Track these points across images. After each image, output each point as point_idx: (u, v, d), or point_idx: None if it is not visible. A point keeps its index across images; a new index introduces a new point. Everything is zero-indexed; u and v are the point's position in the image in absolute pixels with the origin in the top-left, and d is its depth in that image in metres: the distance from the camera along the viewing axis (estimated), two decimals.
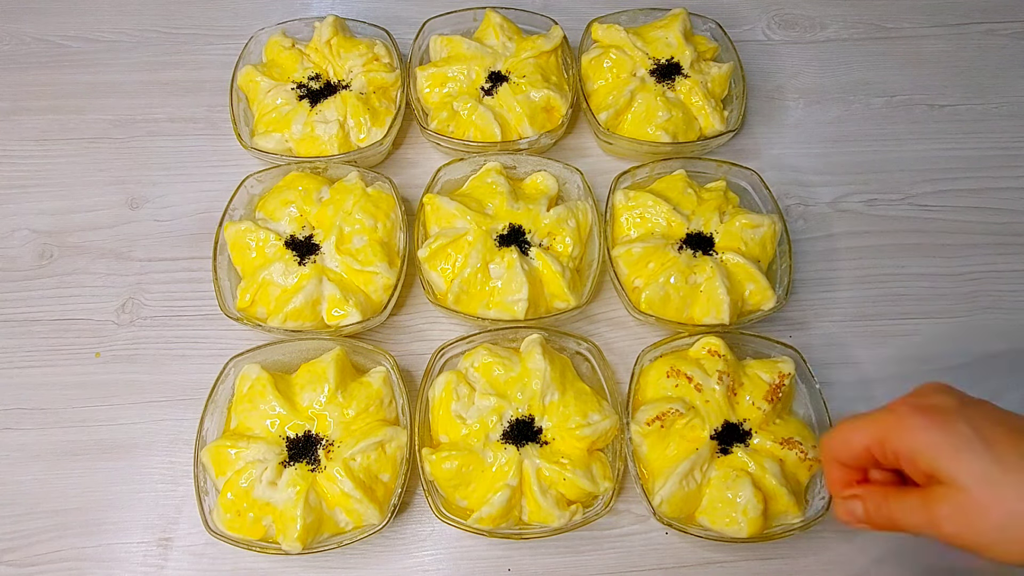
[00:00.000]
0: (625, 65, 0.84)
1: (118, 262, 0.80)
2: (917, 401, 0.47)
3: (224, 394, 0.69)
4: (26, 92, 0.89)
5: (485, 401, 0.68)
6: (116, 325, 0.77)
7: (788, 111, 0.91)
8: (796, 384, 0.71)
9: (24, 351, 0.76)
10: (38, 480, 0.70)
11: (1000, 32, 0.97)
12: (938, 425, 0.45)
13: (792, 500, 0.65)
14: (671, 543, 0.69)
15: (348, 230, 0.74)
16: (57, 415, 0.73)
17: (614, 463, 0.68)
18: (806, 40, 0.96)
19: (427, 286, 0.73)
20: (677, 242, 0.75)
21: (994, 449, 0.43)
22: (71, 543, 0.68)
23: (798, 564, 0.69)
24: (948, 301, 0.80)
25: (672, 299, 0.73)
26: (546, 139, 0.81)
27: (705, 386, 0.68)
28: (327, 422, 0.66)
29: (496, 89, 0.82)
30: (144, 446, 0.72)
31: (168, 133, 0.87)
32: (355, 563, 0.68)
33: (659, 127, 0.81)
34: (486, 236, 0.73)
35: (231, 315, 0.71)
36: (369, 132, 0.81)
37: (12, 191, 0.83)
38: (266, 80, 0.83)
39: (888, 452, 0.48)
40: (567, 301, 0.73)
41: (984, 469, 0.42)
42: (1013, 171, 0.87)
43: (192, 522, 0.68)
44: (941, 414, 0.45)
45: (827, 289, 0.81)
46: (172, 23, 0.94)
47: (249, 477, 0.64)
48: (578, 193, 0.79)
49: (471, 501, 0.66)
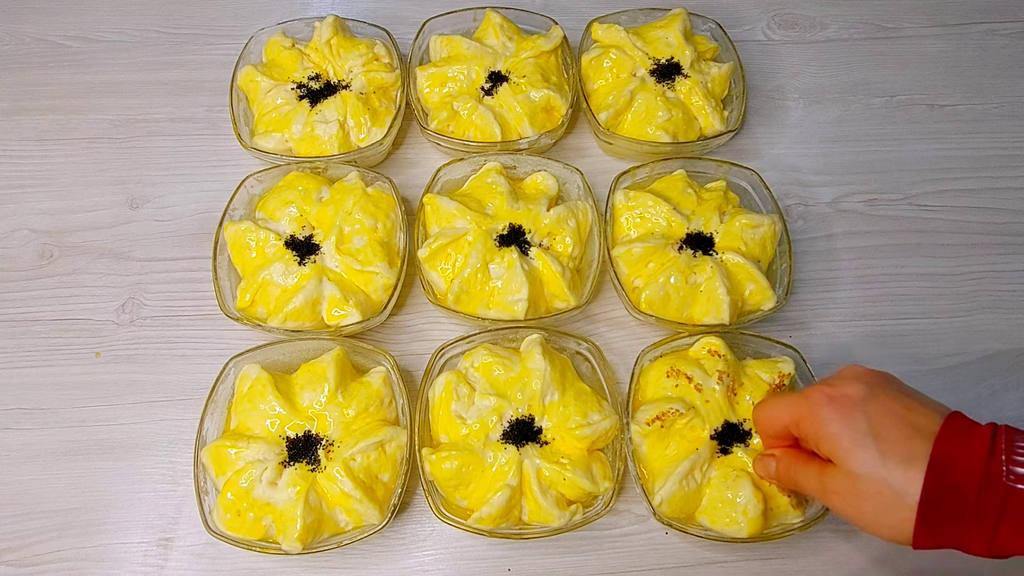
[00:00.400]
0: (625, 65, 0.84)
1: (118, 262, 0.80)
2: (831, 391, 0.54)
3: (224, 394, 0.69)
4: (26, 92, 0.89)
5: (485, 401, 0.68)
6: (116, 325, 0.77)
7: (788, 111, 0.91)
8: (796, 384, 0.71)
9: (24, 351, 0.76)
10: (38, 480, 0.70)
11: (1000, 32, 0.97)
12: (840, 417, 0.52)
13: (792, 500, 0.65)
14: (671, 543, 0.69)
15: (348, 230, 0.74)
16: (57, 415, 0.73)
17: (614, 463, 0.68)
18: (806, 40, 0.96)
19: (427, 286, 0.73)
20: (677, 242, 0.75)
21: (882, 444, 0.50)
22: (71, 543, 0.68)
23: (798, 564, 0.69)
24: (948, 301, 0.80)
25: (672, 299, 0.73)
26: (546, 139, 0.81)
27: (705, 386, 0.68)
28: (327, 422, 0.66)
29: (496, 89, 0.82)
30: (144, 446, 0.72)
31: (168, 133, 0.87)
32: (355, 563, 0.68)
33: (659, 127, 0.81)
34: (486, 236, 0.73)
35: (231, 315, 0.71)
36: (369, 132, 0.81)
37: (12, 191, 0.83)
38: (266, 80, 0.83)
39: (800, 433, 0.56)
40: (567, 301, 0.73)
41: (870, 462, 0.50)
42: (1013, 171, 0.87)
43: (192, 522, 0.68)
44: (846, 407, 0.52)
45: (827, 289, 0.81)
46: (172, 23, 0.94)
47: (249, 477, 0.64)
48: (578, 193, 0.79)
49: (471, 501, 0.66)
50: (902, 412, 0.51)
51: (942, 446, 0.48)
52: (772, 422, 0.59)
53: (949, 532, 0.48)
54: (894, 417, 0.51)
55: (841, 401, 0.53)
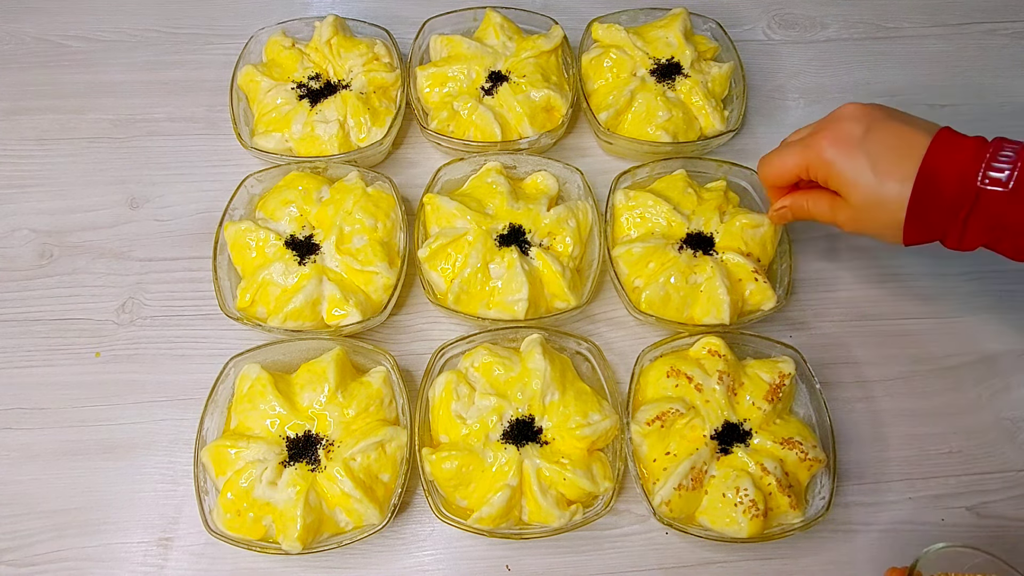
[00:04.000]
0: (625, 65, 0.84)
1: (118, 262, 0.80)
2: (832, 133, 0.61)
3: (224, 394, 0.69)
4: (26, 92, 0.89)
5: (485, 401, 0.68)
6: (116, 325, 0.77)
7: (788, 111, 0.91)
8: (796, 384, 0.71)
9: (24, 351, 0.76)
10: (38, 480, 0.70)
11: (1000, 32, 0.97)
12: (844, 155, 0.60)
13: (792, 500, 0.65)
14: (671, 543, 0.69)
15: (348, 230, 0.74)
16: (57, 415, 0.73)
17: (614, 463, 0.68)
18: (806, 40, 0.96)
19: (427, 286, 0.73)
20: (677, 242, 0.75)
21: (880, 175, 0.58)
22: (71, 543, 0.68)
23: (798, 564, 0.69)
24: (948, 301, 0.80)
25: (672, 299, 0.73)
26: (546, 139, 0.81)
27: (705, 386, 0.68)
28: (327, 422, 0.66)
29: (496, 89, 0.82)
30: (144, 446, 0.72)
31: (168, 133, 0.87)
32: (355, 563, 0.68)
33: (659, 127, 0.81)
34: (486, 236, 0.73)
35: (231, 315, 0.71)
36: (369, 132, 0.81)
37: (12, 191, 0.83)
38: (266, 80, 0.83)
39: (811, 174, 0.64)
40: (567, 301, 0.73)
41: (871, 189, 0.59)
42: None
43: (192, 522, 0.68)
44: (848, 147, 0.60)
45: (827, 289, 0.81)
46: (172, 23, 0.94)
47: (249, 477, 0.64)
48: (578, 193, 0.79)
49: (471, 501, 0.66)
50: (895, 142, 0.58)
51: (929, 160, 0.56)
52: (781, 171, 0.66)
53: (931, 228, 0.58)
54: (888, 148, 0.58)
55: (842, 143, 0.60)
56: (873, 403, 0.75)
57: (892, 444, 0.74)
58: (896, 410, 0.75)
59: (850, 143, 0.60)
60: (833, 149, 0.61)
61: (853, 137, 0.60)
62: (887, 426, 0.74)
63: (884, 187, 0.58)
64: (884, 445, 0.74)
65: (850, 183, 0.60)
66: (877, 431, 0.74)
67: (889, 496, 0.71)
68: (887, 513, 0.71)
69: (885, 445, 0.74)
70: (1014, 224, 0.55)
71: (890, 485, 0.72)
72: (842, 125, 0.61)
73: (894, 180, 0.57)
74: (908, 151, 0.57)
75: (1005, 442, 0.74)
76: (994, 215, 0.55)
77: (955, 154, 0.56)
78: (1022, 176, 0.53)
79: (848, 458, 0.73)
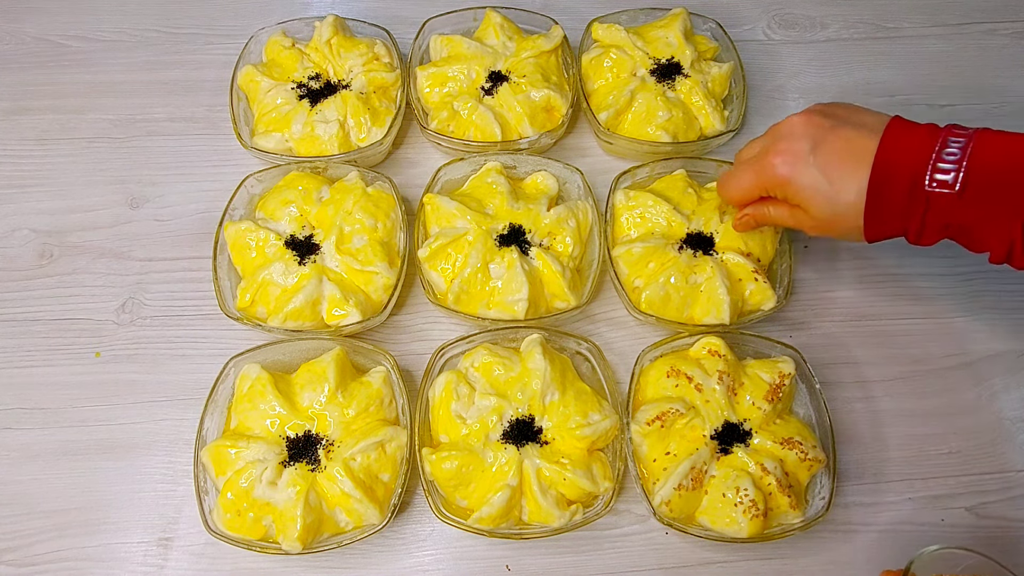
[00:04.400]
0: (625, 65, 0.84)
1: (118, 262, 0.80)
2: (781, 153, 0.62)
3: (224, 394, 0.69)
4: (26, 92, 0.89)
5: (485, 401, 0.68)
6: (116, 325, 0.77)
7: (788, 111, 0.89)
8: (796, 384, 0.71)
9: (24, 351, 0.76)
10: (38, 480, 0.70)
11: (1000, 32, 0.97)
12: (797, 173, 0.61)
13: (792, 500, 0.65)
14: (671, 543, 0.69)
15: (348, 230, 0.74)
16: (57, 415, 0.73)
17: (614, 463, 0.68)
18: (806, 40, 0.96)
19: (427, 286, 0.73)
20: (677, 242, 0.75)
21: (835, 186, 0.59)
22: (71, 543, 0.68)
23: (798, 564, 0.69)
24: (948, 301, 0.80)
25: (672, 299, 0.73)
26: (546, 139, 0.81)
27: (705, 386, 0.68)
28: (327, 422, 0.66)
29: (496, 89, 0.82)
30: (144, 446, 0.72)
31: (168, 133, 0.87)
32: (355, 563, 0.68)
33: (659, 127, 0.81)
34: (486, 236, 0.73)
35: (231, 315, 0.71)
36: (369, 132, 0.81)
37: (12, 191, 0.83)
38: (266, 80, 0.83)
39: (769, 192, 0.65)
40: (567, 301, 0.73)
41: (829, 203, 0.60)
42: None
43: (192, 522, 0.68)
44: (798, 162, 0.61)
45: (827, 289, 0.81)
46: (172, 23, 0.94)
47: (249, 477, 0.64)
48: (578, 193, 0.79)
49: (471, 501, 0.66)
50: (844, 150, 0.59)
51: (878, 167, 0.57)
52: (740, 194, 0.68)
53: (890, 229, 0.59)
54: (838, 158, 0.59)
55: (792, 161, 0.61)
56: (873, 403, 0.75)
57: (892, 444, 0.74)
58: (896, 410, 0.75)
59: (799, 160, 0.61)
60: (785, 168, 0.61)
61: (801, 154, 0.60)
62: (887, 426, 0.74)
63: (840, 197, 0.59)
64: (884, 445, 0.74)
65: (807, 199, 0.61)
66: (877, 431, 0.74)
67: (889, 496, 0.71)
68: (887, 513, 0.71)
69: (885, 445, 0.74)
70: (965, 223, 0.56)
71: (890, 485, 0.72)
72: (789, 144, 0.62)
73: (848, 190, 0.58)
74: (858, 157, 0.58)
75: (1005, 442, 0.74)
76: (946, 215, 0.56)
77: (903, 155, 0.56)
78: (967, 178, 0.54)
79: (848, 458, 0.73)
